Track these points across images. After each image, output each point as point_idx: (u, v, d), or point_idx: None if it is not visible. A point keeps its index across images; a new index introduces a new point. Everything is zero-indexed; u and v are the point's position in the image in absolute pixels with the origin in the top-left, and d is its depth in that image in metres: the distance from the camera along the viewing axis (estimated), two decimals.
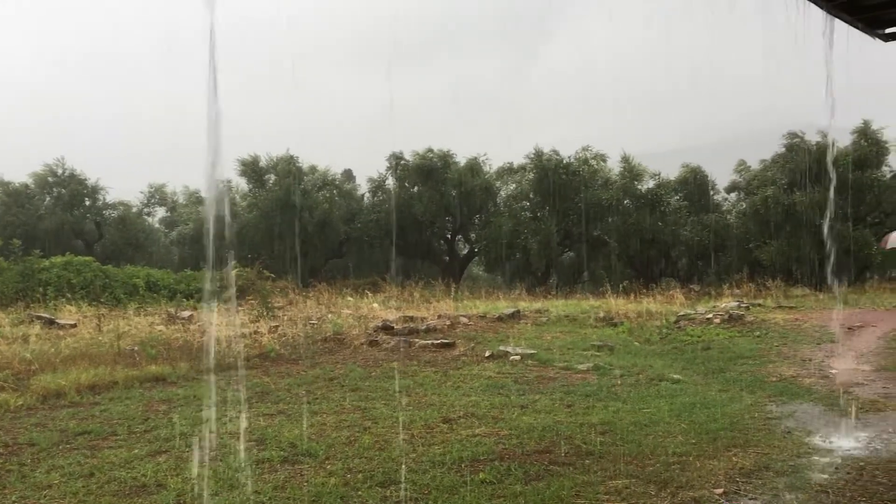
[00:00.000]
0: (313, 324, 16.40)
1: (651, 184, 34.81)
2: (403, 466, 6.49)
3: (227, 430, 7.93)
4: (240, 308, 19.17)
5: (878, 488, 5.78)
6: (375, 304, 20.23)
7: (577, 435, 7.55)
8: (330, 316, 17.67)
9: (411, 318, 16.45)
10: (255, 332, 15.00)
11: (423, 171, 36.30)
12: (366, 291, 24.10)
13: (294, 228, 35.21)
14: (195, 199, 42.24)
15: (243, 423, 8.13)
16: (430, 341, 13.91)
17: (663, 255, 33.89)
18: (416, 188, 37.13)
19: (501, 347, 13.23)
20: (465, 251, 40.17)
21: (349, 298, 21.97)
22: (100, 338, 14.23)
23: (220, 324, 15.65)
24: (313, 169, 38.44)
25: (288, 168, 36.16)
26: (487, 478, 6.16)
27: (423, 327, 15.31)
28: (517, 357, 12.44)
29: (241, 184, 38.69)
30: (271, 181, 36.98)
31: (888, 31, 8.66)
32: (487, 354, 12.80)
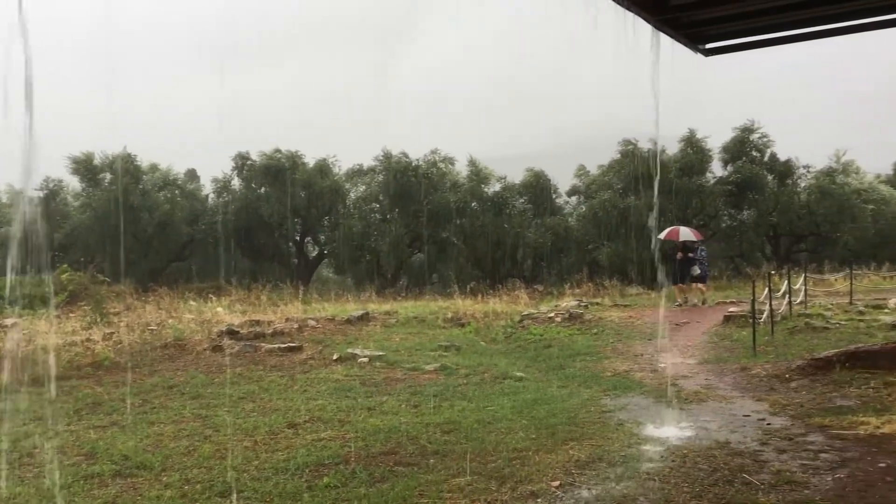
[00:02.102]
0: (153, 330, 15.67)
1: (497, 187, 35.74)
2: (245, 474, 6.33)
3: (54, 446, 7.44)
4: (71, 314, 18.03)
5: (700, 474, 6.20)
6: (220, 309, 19.58)
7: (423, 435, 7.65)
8: (171, 321, 16.92)
9: (258, 322, 16.05)
10: (88, 340, 14.14)
11: (271, 171, 35.59)
12: (210, 295, 23.29)
13: (132, 230, 33.57)
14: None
15: (70, 437, 7.66)
16: (276, 345, 13.63)
17: (509, 256, 34.84)
18: (263, 189, 36.34)
19: (350, 350, 13.17)
20: (315, 253, 39.71)
21: (192, 303, 21.17)
22: None
23: (49, 332, 14.66)
24: (154, 168, 36.78)
25: (125, 166, 34.37)
26: (332, 482, 6.12)
27: (270, 331, 14.99)
28: (365, 359, 12.43)
29: (74, 183, 36.46)
30: (107, 180, 35.04)
31: (709, 46, 9.33)
32: (335, 357, 12.70)
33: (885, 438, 7.03)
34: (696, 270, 18.63)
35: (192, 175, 42.35)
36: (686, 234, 19.23)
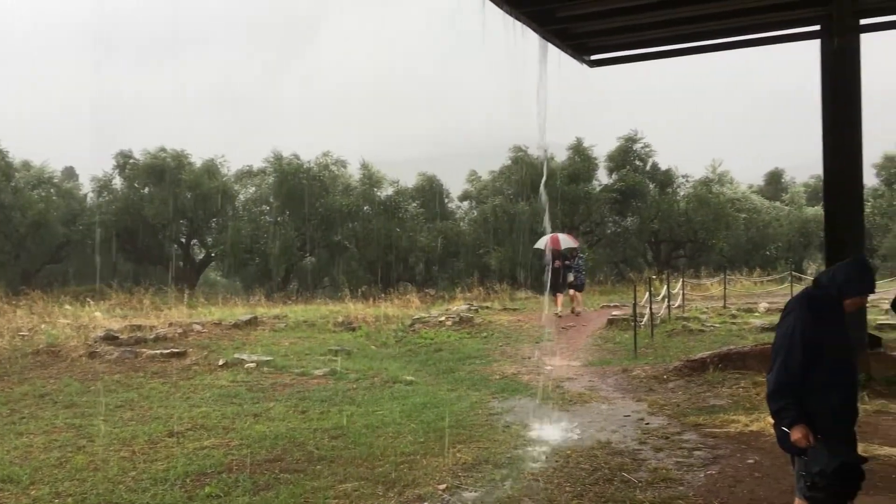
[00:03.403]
0: (24, 336, 14.84)
1: (390, 191, 35.73)
2: (121, 486, 6.08)
3: None
4: None
5: (581, 473, 6.37)
6: (98, 313, 18.74)
7: (310, 441, 7.55)
8: (44, 326, 16.06)
9: (139, 327, 15.45)
10: None
11: (155, 171, 34.37)
12: (88, 299, 22.26)
13: (3, 230, 31.70)
14: None
15: None
16: (158, 351, 13.15)
17: (401, 260, 34.88)
18: (146, 189, 35.05)
19: (237, 355, 12.86)
20: (202, 256, 38.55)
21: (68, 307, 20.15)
22: None
23: None
24: (27, 165, 34.90)
25: None
26: (214, 491, 5.95)
27: (152, 336, 14.45)
28: (253, 364, 12.16)
29: None
30: None
31: (594, 57, 9.66)
32: (221, 363, 12.37)
33: (754, 435, 7.42)
34: (571, 277, 18.14)
35: (69, 173, 40.49)
36: (566, 241, 18.91)
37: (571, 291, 18.25)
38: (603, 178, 35.27)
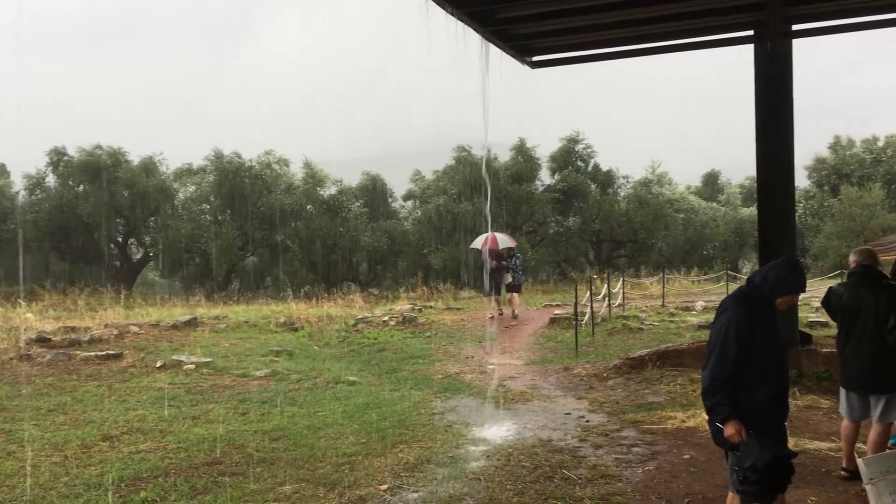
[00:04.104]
0: None
1: (333, 190, 35.51)
2: (52, 492, 5.90)
3: None
4: None
5: (523, 472, 6.42)
6: (30, 315, 18.16)
7: (250, 443, 7.44)
8: None
9: (73, 329, 15.03)
10: None
11: (90, 169, 33.52)
12: (19, 300, 21.56)
13: None
14: None
15: None
16: (93, 353, 12.81)
17: (345, 260, 34.70)
18: (81, 187, 34.15)
19: (175, 357, 12.61)
20: (139, 256, 37.73)
21: None
22: None
23: None
24: None
25: None
26: (149, 496, 5.82)
27: (87, 338, 14.08)
28: (192, 366, 11.95)
29: None
30: None
31: (535, 58, 9.74)
32: (159, 365, 12.13)
33: (690, 431, 7.58)
34: (509, 279, 17.39)
35: (0, 171, 39.12)
36: (504, 240, 18.20)
37: (510, 292, 17.61)
38: (546, 178, 35.65)
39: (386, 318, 17.43)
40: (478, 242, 18.29)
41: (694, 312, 17.34)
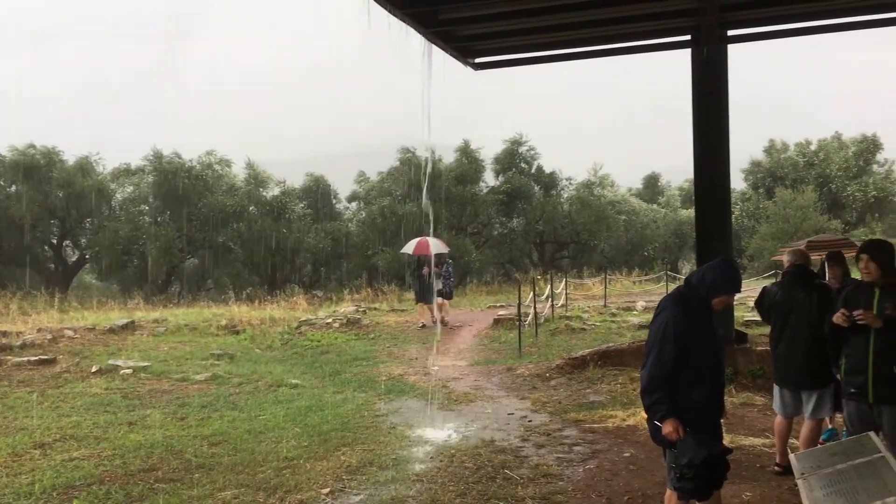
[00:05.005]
0: None
1: (276, 191, 35.12)
2: None
3: None
4: None
5: (465, 472, 6.42)
6: None
7: (189, 448, 7.30)
8: None
9: (4, 334, 14.53)
10: None
11: (23, 168, 32.47)
12: None
13: None
14: None
15: None
16: (26, 358, 12.41)
17: (288, 261, 34.34)
18: (13, 187, 33.08)
19: (111, 361, 12.31)
20: (75, 258, 36.71)
21: None
22: None
23: None
24: None
25: None
26: None
27: (19, 343, 13.63)
28: (129, 371, 11.67)
29: None
30: None
31: (478, 60, 9.78)
32: (94, 369, 11.81)
33: (630, 430, 7.68)
34: (440, 285, 16.58)
35: None
36: (436, 245, 17.32)
37: (439, 299, 16.66)
38: (490, 179, 35.85)
39: (330, 321, 17.29)
40: (409, 247, 17.49)
41: (635, 312, 17.62)
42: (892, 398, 4.83)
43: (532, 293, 16.19)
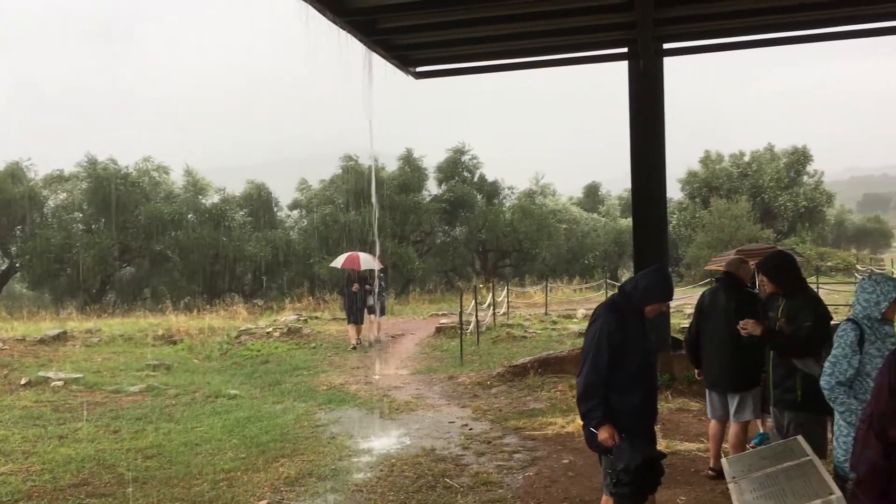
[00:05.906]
0: None
1: (216, 199, 34.55)
2: None
3: None
4: None
5: (405, 482, 6.41)
6: None
7: (122, 462, 7.12)
8: None
9: None
10: None
11: None
12: None
13: None
14: None
15: None
16: None
17: (228, 270, 33.76)
18: None
19: (42, 373, 11.96)
20: (5, 267, 35.48)
21: None
22: None
23: None
24: None
25: None
26: None
27: None
28: (60, 383, 11.35)
29: None
30: None
31: (419, 69, 9.79)
32: (24, 382, 11.45)
33: (569, 436, 7.76)
34: (370, 301, 15.48)
35: None
36: (367, 261, 15.78)
37: (371, 316, 15.70)
38: (433, 188, 35.90)
39: (270, 330, 17.07)
40: (338, 261, 16.18)
41: (575, 320, 17.83)
42: (789, 403, 5.12)
43: (474, 301, 16.26)
